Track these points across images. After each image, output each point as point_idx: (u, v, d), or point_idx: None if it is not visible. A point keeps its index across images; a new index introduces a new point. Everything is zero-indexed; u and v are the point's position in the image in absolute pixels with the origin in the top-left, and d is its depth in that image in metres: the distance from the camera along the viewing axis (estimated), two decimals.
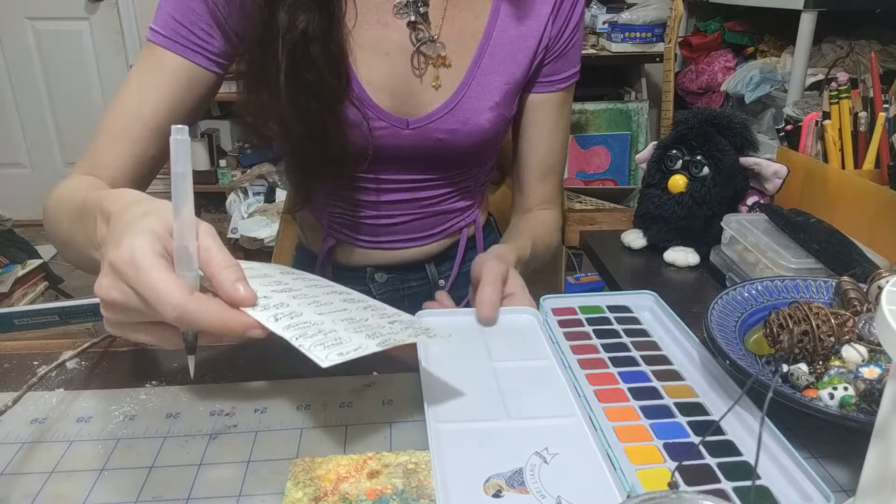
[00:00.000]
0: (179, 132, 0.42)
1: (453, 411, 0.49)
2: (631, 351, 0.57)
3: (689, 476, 0.42)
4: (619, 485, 0.42)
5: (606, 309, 0.64)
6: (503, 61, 0.75)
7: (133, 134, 0.67)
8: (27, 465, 0.45)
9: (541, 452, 0.45)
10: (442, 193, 0.81)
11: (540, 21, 0.75)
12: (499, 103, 0.75)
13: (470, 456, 0.44)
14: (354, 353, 0.41)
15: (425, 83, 0.74)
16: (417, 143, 0.74)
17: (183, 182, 0.42)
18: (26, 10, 2.93)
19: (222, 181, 2.79)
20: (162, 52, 0.67)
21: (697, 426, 0.47)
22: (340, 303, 0.50)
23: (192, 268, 0.42)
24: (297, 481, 0.42)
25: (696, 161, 0.83)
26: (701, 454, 0.44)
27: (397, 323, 0.49)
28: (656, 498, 0.32)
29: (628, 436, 0.46)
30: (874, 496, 0.35)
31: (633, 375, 0.53)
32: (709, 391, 0.51)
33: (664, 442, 0.45)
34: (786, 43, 2.09)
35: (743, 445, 0.45)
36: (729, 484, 0.41)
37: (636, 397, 0.50)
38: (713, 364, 0.53)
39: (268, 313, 0.43)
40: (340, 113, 0.69)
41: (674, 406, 0.49)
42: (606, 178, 2.63)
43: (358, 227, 0.82)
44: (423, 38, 0.72)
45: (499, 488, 0.41)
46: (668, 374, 0.54)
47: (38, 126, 3.13)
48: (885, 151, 0.80)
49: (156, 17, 0.68)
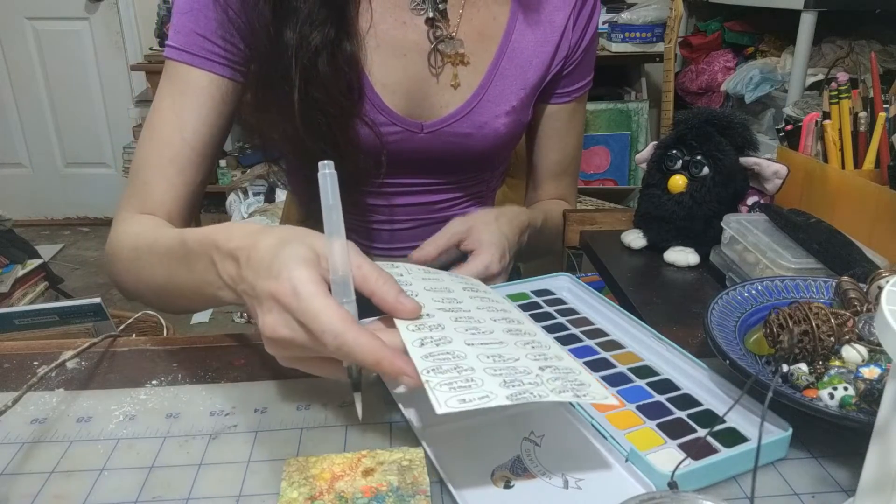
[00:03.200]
0: (327, 167, 0.43)
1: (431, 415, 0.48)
2: (570, 329, 0.60)
3: (671, 432, 0.46)
4: (612, 450, 0.44)
5: (532, 294, 0.66)
6: (521, 66, 0.74)
7: (181, 163, 0.65)
8: (27, 465, 0.45)
9: (529, 437, 0.46)
10: (454, 198, 0.81)
11: (556, 28, 0.75)
12: (515, 108, 0.75)
13: (468, 455, 0.45)
14: (478, 404, 0.38)
15: (442, 83, 0.72)
16: (431, 147, 0.73)
17: (335, 213, 0.42)
18: (26, 10, 2.93)
19: (222, 181, 2.79)
20: (188, 69, 0.65)
21: (656, 386, 0.51)
22: (503, 333, 0.47)
23: (351, 298, 0.42)
24: (292, 481, 0.42)
25: (696, 161, 0.83)
26: (671, 411, 0.48)
27: (549, 370, 0.44)
28: (656, 498, 0.32)
29: (603, 406, 0.47)
30: (874, 496, 0.35)
31: (582, 351, 0.56)
32: (649, 354, 0.56)
33: (636, 405, 0.49)
34: (786, 43, 2.09)
35: (699, 396, 0.50)
36: (704, 431, 0.46)
37: (594, 370, 0.53)
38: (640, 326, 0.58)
39: (418, 335, 0.43)
40: (352, 128, 0.68)
41: (629, 372, 0.53)
42: (606, 178, 2.63)
43: (368, 233, 0.81)
44: (442, 36, 0.71)
45: (507, 479, 0.42)
46: (609, 344, 0.57)
47: (38, 126, 3.13)
48: (885, 151, 0.80)
49: (172, 33, 0.65)
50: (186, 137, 0.65)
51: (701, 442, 0.44)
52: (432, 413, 0.46)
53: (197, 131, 0.66)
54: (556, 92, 0.79)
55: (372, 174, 0.72)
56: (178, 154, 0.65)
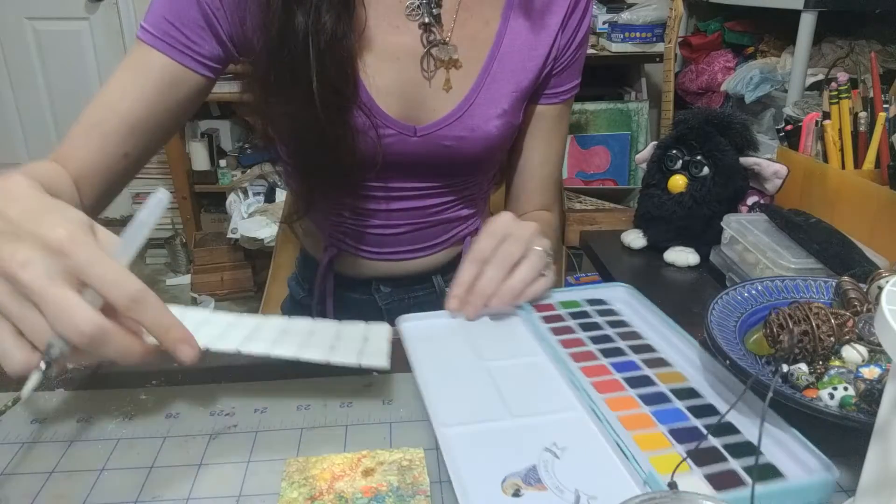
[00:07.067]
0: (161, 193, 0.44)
1: (456, 414, 0.48)
2: (616, 342, 0.58)
3: (699, 458, 0.43)
4: (634, 472, 0.42)
5: (584, 302, 0.65)
6: (512, 69, 0.74)
7: (106, 128, 0.66)
8: (27, 465, 0.45)
9: (550, 448, 0.45)
10: (447, 201, 0.81)
11: (549, 31, 0.75)
12: (507, 111, 0.75)
13: (482, 458, 0.44)
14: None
15: (434, 87, 0.73)
16: (424, 150, 0.73)
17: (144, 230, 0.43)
18: (26, 10, 2.93)
19: (222, 181, 2.79)
20: (148, 50, 0.66)
21: (695, 410, 0.48)
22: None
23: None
24: (292, 481, 0.42)
25: (696, 161, 0.83)
26: (706, 438, 0.45)
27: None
28: (656, 498, 0.32)
29: (633, 424, 0.46)
30: (874, 496, 0.35)
31: (624, 365, 0.54)
32: (696, 375, 0.53)
33: (669, 427, 0.46)
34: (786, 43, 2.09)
35: (741, 426, 0.46)
36: (737, 462, 0.43)
37: (632, 386, 0.51)
38: (694, 348, 0.55)
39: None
40: (349, 121, 0.68)
41: (669, 392, 0.50)
42: (606, 178, 2.63)
43: (362, 236, 0.81)
44: (435, 41, 0.71)
45: (517, 487, 0.41)
46: (655, 361, 0.55)
47: (38, 126, 3.13)
48: (885, 151, 0.80)
49: (146, 16, 0.67)
50: (121, 108, 0.66)
51: (729, 474, 0.41)
52: (454, 412, 0.47)
53: (133, 107, 0.66)
54: (544, 92, 0.79)
55: (367, 170, 0.72)
56: (106, 120, 0.66)
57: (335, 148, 0.68)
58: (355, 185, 0.76)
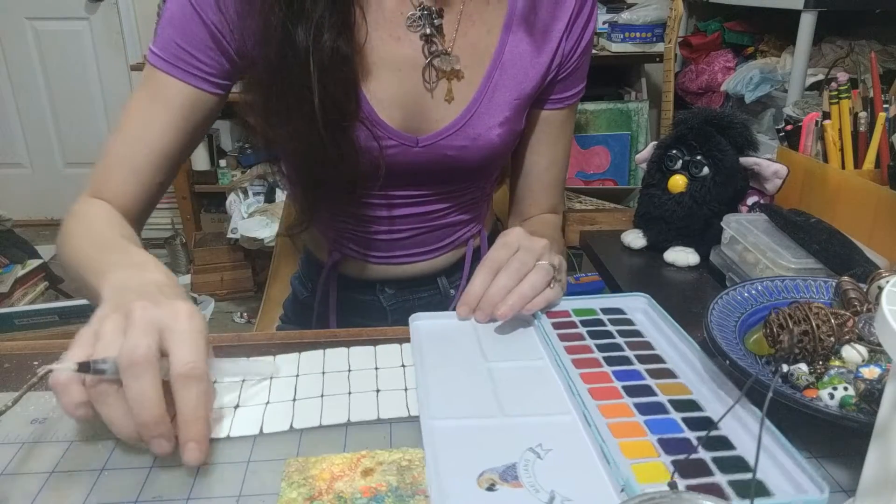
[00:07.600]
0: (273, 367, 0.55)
1: (447, 408, 0.49)
2: (624, 350, 0.57)
3: (684, 470, 0.42)
4: (613, 479, 0.42)
5: (600, 311, 0.64)
6: (514, 77, 0.74)
7: (139, 162, 0.68)
8: (27, 465, 0.45)
9: (535, 448, 0.45)
10: (449, 206, 0.80)
11: (553, 38, 0.74)
12: (509, 118, 0.74)
13: (464, 452, 0.44)
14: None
15: (436, 98, 0.72)
16: (426, 160, 0.73)
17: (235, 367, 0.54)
18: (26, 10, 2.93)
19: (222, 181, 2.79)
20: (164, 77, 0.67)
21: (692, 422, 0.47)
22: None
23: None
24: (292, 481, 0.42)
25: (696, 161, 0.83)
26: (696, 450, 0.44)
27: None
28: (656, 498, 0.32)
29: (622, 431, 0.46)
30: (874, 496, 0.35)
31: (626, 374, 0.53)
32: (703, 389, 0.52)
33: (658, 437, 0.45)
34: (786, 43, 2.09)
35: (737, 440, 0.45)
36: (724, 477, 0.41)
37: (630, 395, 0.50)
38: (708, 362, 0.53)
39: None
40: (352, 136, 0.68)
41: (668, 403, 0.50)
42: (606, 178, 2.63)
43: (365, 242, 0.81)
44: (437, 51, 0.71)
45: (492, 482, 0.42)
46: (661, 372, 0.54)
47: (38, 126, 3.13)
48: (885, 151, 0.80)
49: (156, 39, 0.67)
50: (149, 139, 0.67)
51: (712, 488, 0.40)
52: (445, 407, 0.48)
53: (161, 136, 0.68)
54: (549, 98, 0.79)
55: (370, 182, 0.72)
56: (136, 154, 0.68)
57: (338, 163, 0.68)
58: (359, 195, 0.76)
